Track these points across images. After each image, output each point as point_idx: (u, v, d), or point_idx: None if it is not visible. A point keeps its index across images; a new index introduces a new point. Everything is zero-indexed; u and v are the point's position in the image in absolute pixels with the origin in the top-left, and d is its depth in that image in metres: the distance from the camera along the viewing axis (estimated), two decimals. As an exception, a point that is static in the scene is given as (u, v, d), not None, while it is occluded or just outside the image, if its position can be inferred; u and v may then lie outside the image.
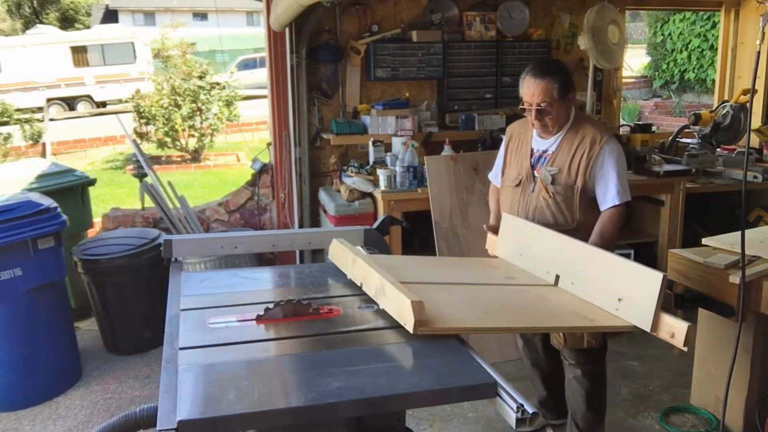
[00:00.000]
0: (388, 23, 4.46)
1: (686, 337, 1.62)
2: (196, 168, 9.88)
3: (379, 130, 4.22)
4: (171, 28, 11.19)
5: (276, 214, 4.66)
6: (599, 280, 1.91)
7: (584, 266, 1.98)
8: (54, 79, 15.70)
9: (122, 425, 1.33)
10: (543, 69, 2.40)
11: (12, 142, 10.22)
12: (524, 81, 2.41)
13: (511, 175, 2.57)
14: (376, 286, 1.73)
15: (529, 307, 1.91)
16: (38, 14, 25.57)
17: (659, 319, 1.70)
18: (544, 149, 2.49)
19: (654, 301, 1.70)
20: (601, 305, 1.87)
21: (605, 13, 3.96)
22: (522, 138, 2.58)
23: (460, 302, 1.81)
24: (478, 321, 1.71)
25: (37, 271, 3.18)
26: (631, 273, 1.81)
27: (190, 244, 2.18)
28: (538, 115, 2.39)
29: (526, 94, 2.40)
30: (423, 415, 2.95)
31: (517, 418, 1.20)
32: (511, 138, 2.63)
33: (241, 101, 10.50)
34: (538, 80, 2.35)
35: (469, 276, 2.16)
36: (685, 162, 4.10)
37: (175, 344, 1.44)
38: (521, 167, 2.53)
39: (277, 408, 1.19)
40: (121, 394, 3.34)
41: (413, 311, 1.49)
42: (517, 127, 2.64)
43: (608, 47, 3.96)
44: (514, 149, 2.60)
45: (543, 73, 2.36)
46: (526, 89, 2.39)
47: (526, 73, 2.41)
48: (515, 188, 2.54)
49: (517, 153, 2.58)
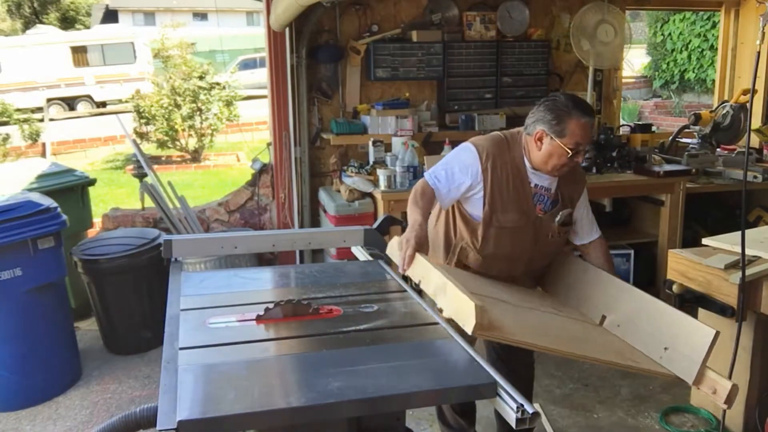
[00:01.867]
0: (388, 23, 4.46)
1: (729, 396, 1.62)
2: (196, 168, 9.88)
3: (379, 130, 4.22)
4: (171, 28, 11.17)
5: (276, 214, 4.66)
6: (647, 326, 1.89)
7: (632, 311, 1.97)
8: (54, 79, 15.70)
9: (122, 425, 1.33)
10: (587, 106, 2.17)
11: (11, 142, 10.22)
12: (576, 122, 2.08)
13: (509, 217, 2.20)
14: (437, 283, 1.73)
15: (577, 338, 1.91)
16: (38, 14, 25.57)
17: (704, 373, 1.70)
18: (545, 186, 2.24)
19: (702, 356, 1.69)
20: (645, 351, 1.86)
21: (594, 13, 4.03)
22: (513, 171, 2.21)
23: (511, 317, 1.82)
24: (532, 337, 1.71)
25: (37, 271, 3.18)
26: (682, 324, 1.80)
27: (190, 244, 2.18)
28: (577, 157, 2.15)
29: (580, 135, 2.09)
30: (423, 415, 2.95)
31: (517, 418, 1.20)
32: (494, 166, 2.19)
33: (241, 101, 10.50)
34: (589, 120, 2.12)
35: (518, 298, 2.14)
36: (685, 162, 4.10)
37: (175, 344, 1.44)
38: (525, 209, 2.21)
39: (277, 408, 1.19)
40: (121, 394, 3.33)
41: (476, 314, 1.50)
42: (496, 151, 2.22)
43: (596, 47, 4.03)
44: (504, 182, 2.19)
45: (590, 112, 2.15)
46: (581, 131, 2.09)
47: (577, 113, 2.09)
48: (513, 229, 2.22)
49: (514, 191, 2.20)
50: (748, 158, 3.51)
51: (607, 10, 4.15)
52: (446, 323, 1.60)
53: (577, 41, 4.07)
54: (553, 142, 2.11)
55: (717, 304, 2.43)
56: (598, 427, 2.90)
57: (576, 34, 4.08)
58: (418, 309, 1.72)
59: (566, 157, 2.12)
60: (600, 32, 4.07)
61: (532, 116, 2.19)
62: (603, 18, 4.05)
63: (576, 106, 2.11)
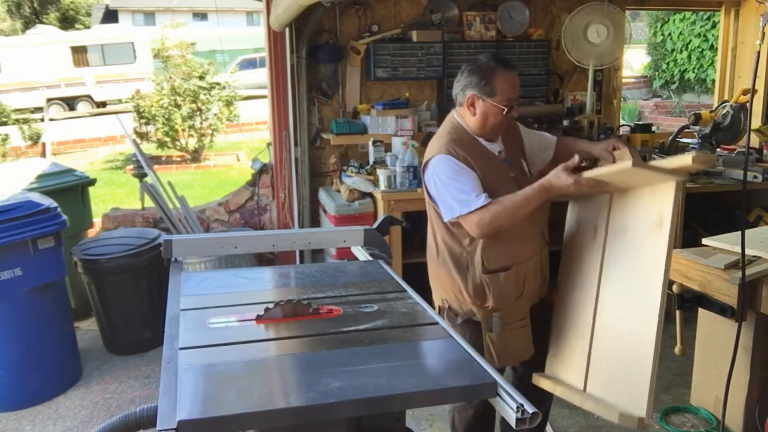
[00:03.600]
0: (388, 23, 4.46)
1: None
2: (196, 168, 9.88)
3: (379, 130, 4.22)
4: (171, 28, 11.18)
5: (276, 214, 4.66)
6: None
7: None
8: (54, 79, 15.68)
9: (122, 425, 1.33)
10: (510, 61, 2.16)
11: (10, 142, 10.22)
12: (503, 77, 2.09)
13: (503, 189, 2.11)
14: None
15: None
16: (38, 14, 25.56)
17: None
18: (499, 150, 2.22)
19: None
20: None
21: (587, 14, 4.11)
22: (481, 154, 2.15)
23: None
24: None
25: (37, 271, 3.19)
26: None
27: (190, 244, 2.18)
28: (512, 112, 2.13)
29: (508, 90, 2.09)
30: (423, 415, 2.95)
31: (517, 418, 1.20)
32: (468, 160, 2.11)
33: (241, 101, 10.50)
34: (514, 73, 2.12)
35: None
36: (685, 162, 4.09)
37: (175, 344, 1.44)
38: (508, 179, 2.17)
39: (277, 408, 1.19)
40: (121, 394, 3.34)
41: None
42: (460, 145, 2.13)
43: (586, 48, 4.16)
44: (483, 169, 2.12)
45: (514, 66, 2.14)
46: (509, 85, 2.09)
47: (499, 67, 2.09)
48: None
49: (493, 171, 2.14)
50: (748, 158, 3.51)
51: (607, 10, 4.16)
52: (446, 323, 1.60)
53: (568, 42, 4.14)
54: (485, 103, 2.11)
55: (717, 304, 2.43)
56: (597, 426, 2.90)
57: (566, 34, 4.14)
58: (418, 309, 1.72)
59: (502, 115, 2.12)
60: (591, 33, 4.12)
61: (458, 84, 2.18)
62: (595, 18, 4.11)
63: (499, 63, 2.12)
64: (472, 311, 2.20)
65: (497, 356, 2.19)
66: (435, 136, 2.27)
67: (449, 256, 2.21)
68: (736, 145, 4.60)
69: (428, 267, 2.38)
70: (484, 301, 2.16)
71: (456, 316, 2.24)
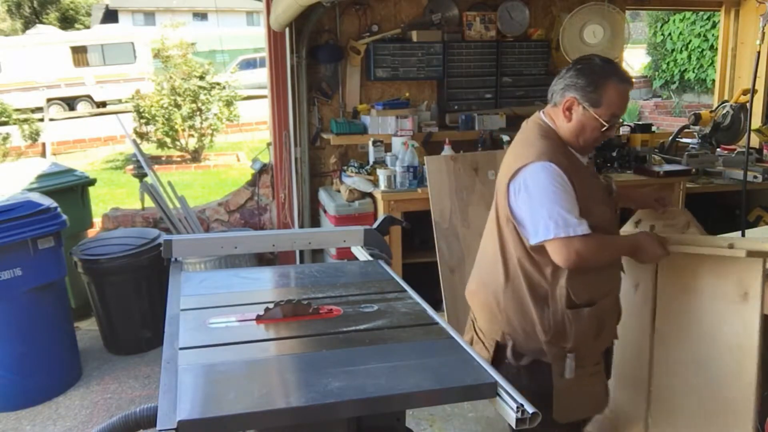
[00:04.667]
0: (388, 23, 4.46)
1: None
2: (196, 168, 9.88)
3: (379, 130, 4.22)
4: (171, 28, 11.16)
5: (276, 214, 4.66)
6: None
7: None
8: (54, 79, 15.68)
9: (122, 425, 1.33)
10: (626, 72, 1.91)
11: (11, 142, 10.22)
12: (615, 88, 1.82)
13: (597, 213, 1.86)
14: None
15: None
16: (38, 14, 25.56)
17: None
18: (587, 163, 2.01)
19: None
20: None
21: (584, 14, 4.11)
22: (572, 164, 1.87)
23: None
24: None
25: (37, 271, 3.19)
26: None
27: (190, 244, 2.18)
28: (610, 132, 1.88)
29: (616, 105, 1.82)
30: (423, 415, 2.95)
31: (517, 418, 1.20)
32: (569, 170, 1.82)
33: (241, 101, 10.50)
34: (629, 87, 1.87)
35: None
36: (685, 162, 4.10)
37: (175, 344, 1.44)
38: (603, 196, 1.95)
39: (277, 408, 1.19)
40: (121, 394, 3.33)
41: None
42: (561, 156, 1.84)
43: (581, 48, 4.13)
44: (579, 184, 1.83)
45: (630, 78, 1.90)
46: (619, 100, 1.83)
47: (615, 76, 1.83)
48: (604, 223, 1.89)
49: (588, 185, 1.88)
50: (748, 158, 3.51)
51: (606, 10, 4.17)
52: (446, 323, 1.60)
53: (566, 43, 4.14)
54: (585, 113, 1.83)
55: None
56: (598, 427, 2.89)
57: (564, 35, 4.15)
58: (418, 309, 1.72)
59: (599, 132, 1.84)
60: (588, 33, 4.13)
61: (560, 81, 1.89)
62: (592, 19, 4.12)
63: (615, 71, 1.84)
64: (542, 350, 1.88)
65: (566, 407, 1.87)
66: (522, 139, 1.95)
67: (526, 284, 1.87)
68: (736, 145, 4.60)
69: (479, 293, 2.03)
70: (562, 341, 1.86)
71: (521, 355, 1.91)
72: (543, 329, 1.85)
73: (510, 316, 1.91)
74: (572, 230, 1.74)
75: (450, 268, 3.51)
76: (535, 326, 1.86)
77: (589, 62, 1.88)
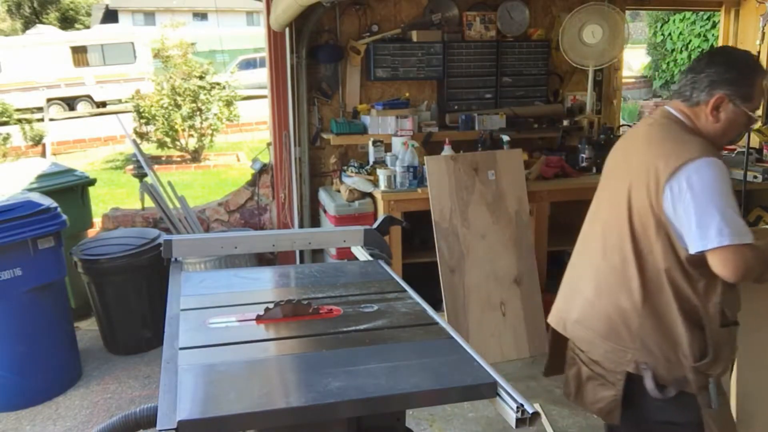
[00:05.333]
0: (388, 23, 4.46)
1: None
2: (196, 168, 9.88)
3: (379, 130, 4.22)
4: (171, 28, 11.17)
5: (276, 214, 4.66)
6: None
7: None
8: (54, 79, 15.69)
9: (122, 425, 1.33)
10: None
11: (11, 142, 10.23)
12: (761, 80, 1.69)
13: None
14: None
15: None
16: (38, 14, 25.57)
17: None
18: None
19: None
20: None
21: (583, 14, 4.14)
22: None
23: None
24: None
25: (37, 271, 3.19)
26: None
27: (190, 244, 2.18)
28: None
29: (758, 99, 1.71)
30: (423, 415, 2.95)
31: (517, 418, 1.20)
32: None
33: (241, 101, 10.50)
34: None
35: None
36: (685, 162, 4.09)
37: (175, 344, 1.44)
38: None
39: (277, 408, 1.19)
40: (121, 394, 3.34)
41: None
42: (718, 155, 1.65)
43: (580, 48, 4.20)
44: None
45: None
46: (762, 92, 1.71)
47: (760, 68, 1.70)
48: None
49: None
50: (748, 158, 3.51)
51: (605, 10, 4.17)
52: (446, 323, 1.60)
53: (565, 43, 4.18)
54: (737, 109, 1.65)
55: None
56: (597, 426, 2.89)
57: (563, 35, 4.18)
58: (417, 309, 1.72)
59: (745, 127, 1.70)
60: (586, 33, 4.15)
61: (705, 78, 1.68)
62: (591, 19, 4.13)
63: (758, 63, 1.71)
64: (686, 379, 1.63)
65: None
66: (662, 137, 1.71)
67: (676, 302, 1.62)
68: (736, 145, 4.60)
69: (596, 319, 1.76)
70: (713, 366, 1.63)
71: (663, 387, 1.65)
72: (692, 353, 1.61)
73: (646, 341, 1.66)
74: (746, 238, 1.54)
75: (450, 268, 3.51)
76: (678, 350, 1.63)
77: (734, 55, 1.72)
